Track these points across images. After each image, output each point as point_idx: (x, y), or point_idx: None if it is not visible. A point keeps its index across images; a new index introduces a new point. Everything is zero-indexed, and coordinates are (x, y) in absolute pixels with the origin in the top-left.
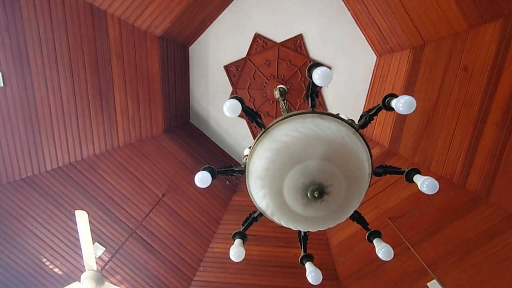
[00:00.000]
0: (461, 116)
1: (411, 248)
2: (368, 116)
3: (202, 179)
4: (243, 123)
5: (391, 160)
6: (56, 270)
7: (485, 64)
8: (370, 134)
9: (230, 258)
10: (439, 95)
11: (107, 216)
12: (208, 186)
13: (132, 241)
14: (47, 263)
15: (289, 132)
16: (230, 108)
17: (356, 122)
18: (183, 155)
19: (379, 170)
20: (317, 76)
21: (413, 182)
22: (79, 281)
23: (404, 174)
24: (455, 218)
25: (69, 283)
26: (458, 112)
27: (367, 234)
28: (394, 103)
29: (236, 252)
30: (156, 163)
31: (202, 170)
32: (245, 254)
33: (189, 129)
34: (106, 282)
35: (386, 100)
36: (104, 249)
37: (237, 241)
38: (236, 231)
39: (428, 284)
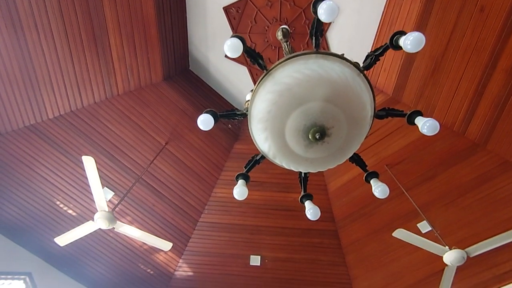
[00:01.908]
0: (471, 62)
1: (405, 193)
2: (374, 56)
3: (205, 121)
4: (244, 71)
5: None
6: (70, 211)
7: (503, 5)
8: (374, 82)
9: (233, 202)
10: (450, 39)
11: (113, 163)
12: (211, 134)
13: (139, 186)
14: (61, 205)
15: (291, 73)
16: (231, 48)
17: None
18: (183, 103)
19: (381, 113)
20: (323, 10)
21: (415, 124)
22: (93, 221)
23: (406, 116)
24: (451, 165)
25: (83, 223)
26: (468, 57)
27: (365, 175)
28: (402, 40)
29: (240, 191)
30: (158, 111)
31: (204, 113)
32: (247, 198)
33: (188, 76)
34: (118, 221)
35: (394, 39)
36: (113, 193)
37: (240, 182)
38: (239, 173)
39: (418, 225)
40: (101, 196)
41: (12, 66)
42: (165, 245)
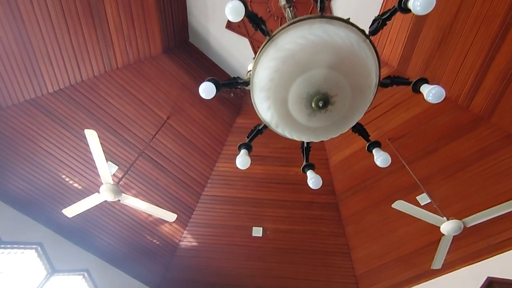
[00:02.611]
0: (480, 32)
1: (406, 166)
2: (381, 21)
3: (207, 89)
4: (245, 43)
5: None
6: (75, 185)
7: None
8: (379, 54)
9: (235, 176)
10: (460, 8)
11: (115, 138)
12: (212, 109)
13: (142, 160)
14: (67, 179)
15: (295, 39)
16: (233, 11)
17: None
18: (184, 77)
19: (386, 81)
20: None
21: (420, 92)
22: (99, 193)
23: (412, 84)
24: (454, 139)
25: (89, 196)
26: (477, 28)
27: (367, 145)
28: (411, 2)
29: (242, 160)
30: (158, 85)
31: (206, 81)
32: (249, 172)
33: (189, 49)
34: (123, 194)
35: (403, 1)
36: (117, 167)
37: (243, 151)
38: (241, 143)
39: (417, 197)
40: (106, 169)
41: (8, 39)
42: (170, 216)
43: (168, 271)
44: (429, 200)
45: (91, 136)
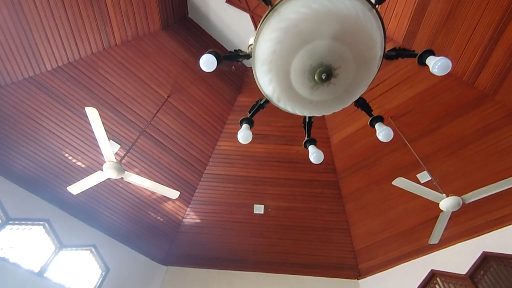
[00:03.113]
0: (490, 5)
1: (408, 144)
2: None
3: (207, 62)
4: (246, 18)
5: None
6: (79, 164)
7: None
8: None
9: (237, 155)
10: None
11: (116, 116)
12: (213, 87)
13: (144, 139)
14: (70, 158)
15: (298, 8)
16: None
17: None
18: (184, 54)
19: (391, 53)
20: None
21: (426, 65)
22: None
23: (417, 56)
24: (456, 116)
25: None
26: (487, 0)
27: (370, 119)
28: None
29: (244, 135)
30: (158, 63)
31: (207, 53)
32: (251, 151)
33: (188, 25)
34: (126, 172)
35: None
36: (119, 146)
37: (245, 126)
38: (243, 117)
39: (417, 175)
40: (108, 147)
41: (3, 16)
42: (173, 194)
43: (172, 247)
44: (430, 178)
45: (92, 114)
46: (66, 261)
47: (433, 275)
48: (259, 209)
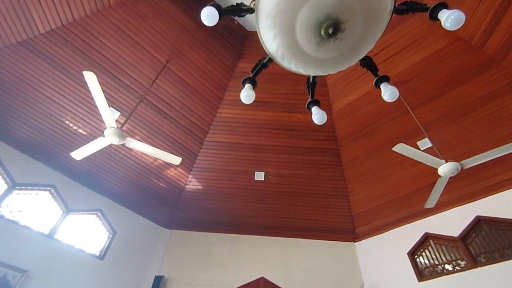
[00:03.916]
0: None
1: (410, 111)
2: None
3: (209, 15)
4: None
5: (409, 20)
6: (80, 131)
7: None
8: None
9: (237, 122)
10: None
11: (115, 82)
12: (213, 52)
13: (144, 106)
14: (70, 125)
15: None
16: None
17: None
18: (182, 16)
19: (402, 7)
20: None
21: (438, 19)
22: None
23: (429, 10)
24: (461, 82)
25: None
26: None
27: (375, 79)
28: None
29: (247, 94)
30: (155, 25)
31: (208, 5)
32: (251, 118)
33: None
34: (127, 137)
35: None
36: (119, 113)
37: (247, 85)
38: (246, 77)
39: (417, 142)
40: (108, 112)
41: None
42: (175, 159)
43: (175, 212)
44: (430, 145)
45: (90, 78)
46: (74, 224)
47: (427, 237)
48: (259, 176)
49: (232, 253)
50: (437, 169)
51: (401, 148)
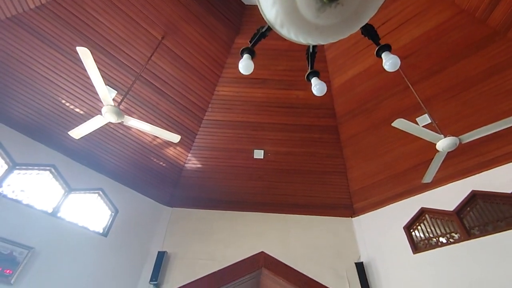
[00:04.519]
0: None
1: (410, 87)
2: None
3: None
4: None
5: None
6: (77, 110)
7: None
8: None
9: (236, 100)
10: None
11: (110, 60)
12: (209, 27)
13: (140, 84)
14: (67, 104)
15: None
16: None
17: None
18: None
19: None
20: None
21: None
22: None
23: None
24: (463, 57)
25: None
26: None
27: (377, 49)
28: None
29: (245, 65)
30: None
31: None
32: (250, 96)
33: None
34: (125, 116)
35: None
36: (116, 92)
37: (246, 56)
38: (244, 47)
39: (417, 118)
40: (104, 89)
41: None
42: (174, 137)
43: (176, 190)
44: (429, 121)
45: (84, 54)
46: (76, 203)
47: (423, 212)
48: (259, 154)
49: (233, 230)
50: (435, 145)
51: (400, 123)
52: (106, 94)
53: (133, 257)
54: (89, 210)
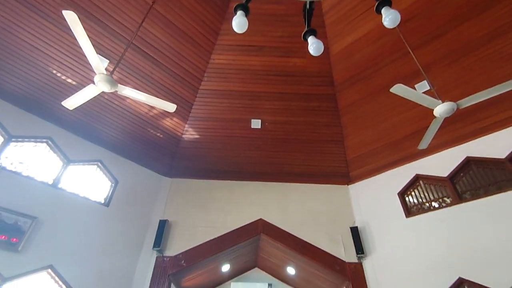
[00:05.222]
0: None
1: (411, 52)
2: None
3: None
4: None
5: None
6: (69, 80)
7: None
8: None
9: (232, 69)
10: None
11: (100, 27)
12: None
13: (133, 53)
14: (58, 74)
15: None
16: None
17: None
18: None
19: None
20: None
21: None
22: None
23: None
24: (465, 19)
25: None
26: None
27: (376, 4)
28: None
29: (239, 22)
30: None
31: None
32: (246, 64)
33: None
34: (119, 85)
35: None
36: (108, 61)
37: (239, 13)
38: (238, 4)
39: (416, 85)
40: (95, 56)
41: None
42: (169, 107)
43: (174, 161)
44: (428, 88)
45: (72, 19)
46: (76, 174)
47: (417, 178)
48: (256, 123)
49: (232, 198)
50: (432, 111)
51: (399, 88)
52: (98, 62)
53: (135, 225)
54: (89, 182)
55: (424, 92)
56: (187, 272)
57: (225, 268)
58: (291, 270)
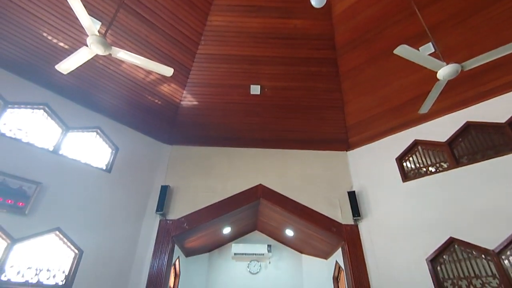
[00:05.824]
0: None
1: (417, 12)
2: None
3: None
4: None
5: None
6: (61, 44)
7: None
8: None
9: (230, 32)
10: None
11: None
12: None
13: (126, 14)
14: (49, 38)
15: None
16: None
17: None
18: None
19: None
20: None
21: None
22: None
23: None
24: None
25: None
26: None
27: None
28: None
29: None
30: None
31: None
32: (244, 27)
33: None
34: (113, 47)
35: None
36: (100, 23)
37: None
38: None
39: (420, 48)
40: (87, 18)
41: None
42: (166, 71)
43: (173, 128)
44: (432, 50)
45: None
46: (76, 141)
47: (416, 144)
48: (255, 89)
49: (232, 165)
50: (436, 74)
51: (402, 49)
52: (90, 23)
53: (138, 190)
54: (90, 148)
55: (428, 55)
56: (189, 234)
57: (226, 230)
58: (289, 232)
